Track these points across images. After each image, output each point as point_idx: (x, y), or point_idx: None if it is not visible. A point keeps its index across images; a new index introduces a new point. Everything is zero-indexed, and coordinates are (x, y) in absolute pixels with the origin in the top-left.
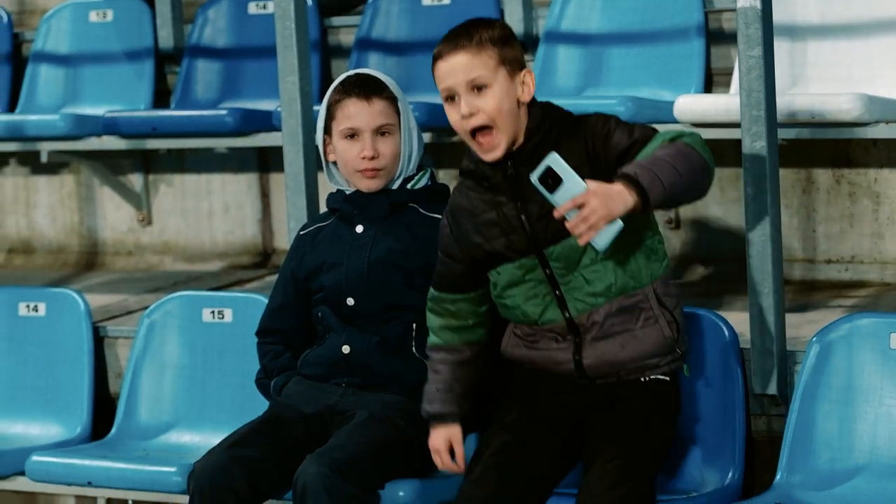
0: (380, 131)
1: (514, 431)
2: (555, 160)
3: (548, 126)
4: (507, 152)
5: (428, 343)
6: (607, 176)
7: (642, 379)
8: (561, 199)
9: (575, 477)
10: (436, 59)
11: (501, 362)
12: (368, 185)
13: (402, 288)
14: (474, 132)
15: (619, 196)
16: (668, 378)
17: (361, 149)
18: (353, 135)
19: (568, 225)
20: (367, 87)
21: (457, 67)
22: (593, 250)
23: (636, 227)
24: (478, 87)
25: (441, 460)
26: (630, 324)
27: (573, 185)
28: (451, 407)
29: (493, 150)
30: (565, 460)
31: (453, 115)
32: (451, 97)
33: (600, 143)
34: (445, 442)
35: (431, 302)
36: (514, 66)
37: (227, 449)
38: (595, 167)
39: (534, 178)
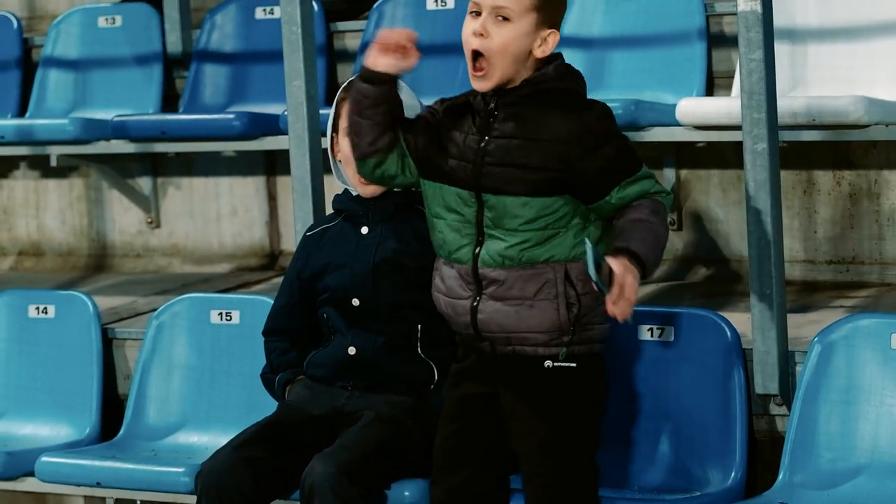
0: None
1: (456, 415)
2: (589, 248)
3: (543, 88)
4: (497, 89)
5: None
6: (570, 161)
7: (546, 364)
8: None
9: None
10: None
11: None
12: (365, 190)
13: (407, 288)
14: (475, 55)
15: (627, 272)
16: (574, 364)
17: None
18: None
19: (612, 304)
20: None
21: None
22: (522, 218)
23: (577, 212)
24: (501, 17)
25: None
26: (527, 293)
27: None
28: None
29: (482, 80)
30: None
31: (467, 28)
32: (475, 12)
33: (597, 142)
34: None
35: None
36: (546, 20)
37: (235, 450)
38: (564, 155)
39: (592, 273)
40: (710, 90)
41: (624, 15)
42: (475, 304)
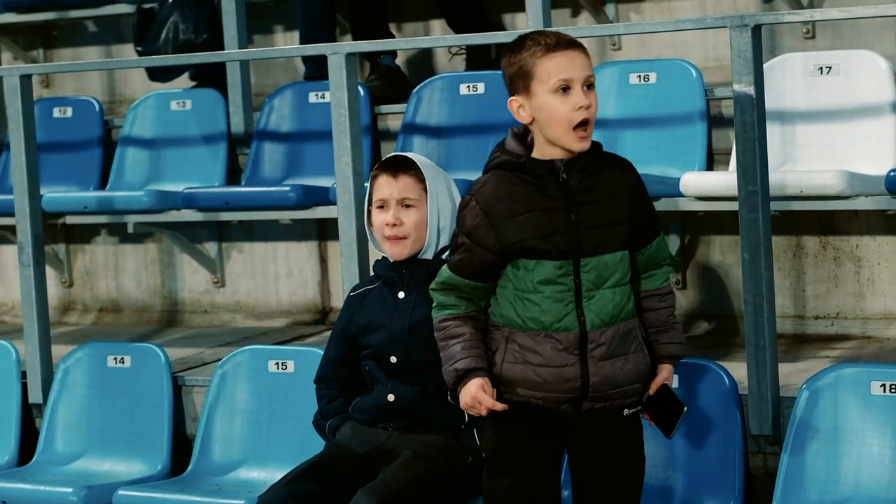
0: (404, 203)
1: (524, 477)
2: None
3: (595, 149)
4: (568, 158)
5: (438, 317)
6: (634, 211)
7: (625, 412)
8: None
9: None
10: (550, 49)
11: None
12: (392, 251)
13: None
14: (579, 124)
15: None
16: (638, 409)
17: (387, 218)
18: (382, 205)
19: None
20: (395, 165)
21: (577, 63)
22: (619, 273)
23: (626, 268)
24: (589, 86)
25: (483, 404)
26: (625, 347)
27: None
28: (479, 362)
29: (586, 141)
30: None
31: (566, 105)
32: (565, 88)
33: (641, 195)
34: (480, 389)
35: (443, 284)
36: None
37: (288, 483)
38: (632, 205)
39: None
40: (710, 165)
41: (634, 98)
42: (585, 367)
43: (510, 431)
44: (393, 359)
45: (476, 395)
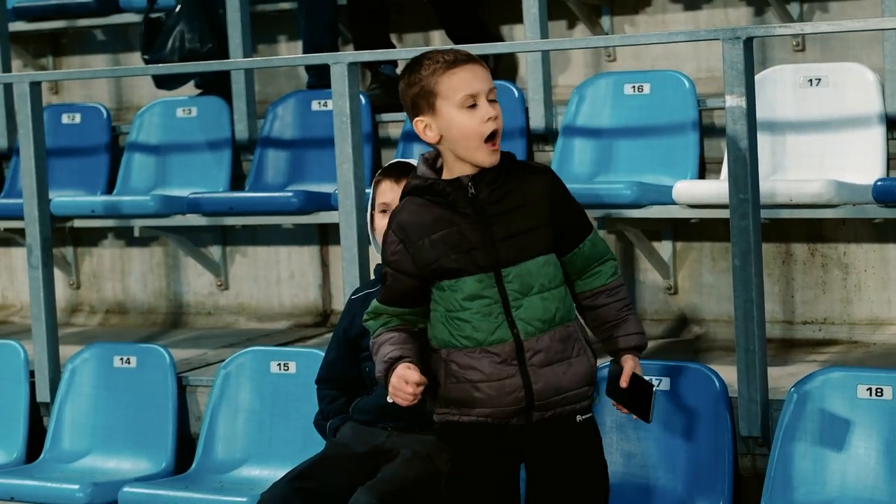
0: None
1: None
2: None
3: (508, 158)
4: (475, 173)
5: (371, 337)
6: (545, 218)
7: (577, 419)
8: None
9: None
10: (450, 66)
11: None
12: None
13: None
14: (490, 136)
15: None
16: (591, 414)
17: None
18: (384, 210)
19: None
20: (398, 171)
21: (479, 76)
22: (544, 278)
23: (559, 271)
24: (491, 100)
25: (408, 381)
26: (566, 352)
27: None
28: (408, 353)
29: (496, 154)
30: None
31: (474, 119)
32: (472, 105)
33: (560, 198)
34: (405, 369)
35: (373, 313)
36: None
37: (290, 482)
38: (549, 209)
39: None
40: (702, 174)
41: (629, 109)
42: (526, 377)
43: (464, 451)
44: None
45: (400, 374)
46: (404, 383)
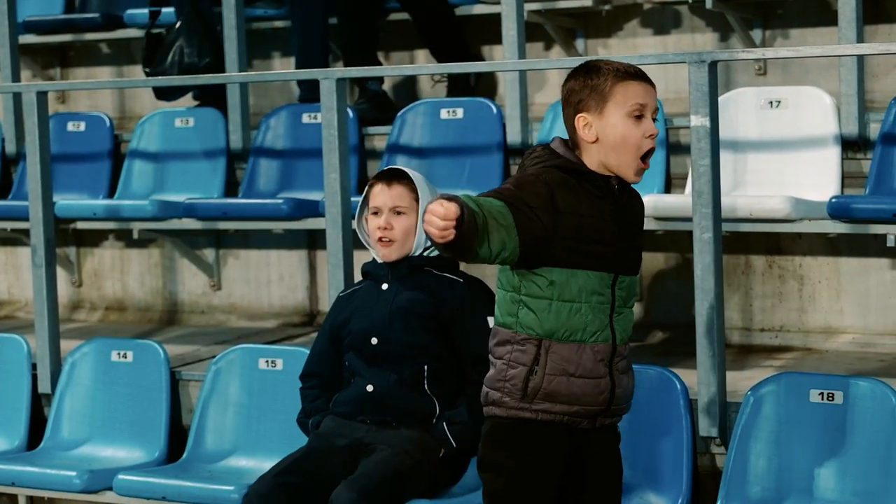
0: (396, 210)
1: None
2: None
3: None
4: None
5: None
6: (641, 239)
7: (618, 426)
8: None
9: None
10: (630, 76)
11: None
12: (383, 253)
13: (418, 330)
14: (646, 153)
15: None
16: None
17: (380, 222)
18: (376, 212)
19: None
20: (390, 175)
21: (651, 93)
22: (633, 294)
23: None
24: (655, 118)
25: (435, 222)
26: (630, 365)
27: None
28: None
29: (642, 173)
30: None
31: (638, 130)
32: (639, 115)
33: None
34: (436, 211)
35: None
36: None
37: (274, 477)
38: (642, 231)
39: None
40: (668, 189)
41: None
42: (613, 379)
43: (533, 450)
44: (374, 340)
45: (438, 205)
46: (439, 215)
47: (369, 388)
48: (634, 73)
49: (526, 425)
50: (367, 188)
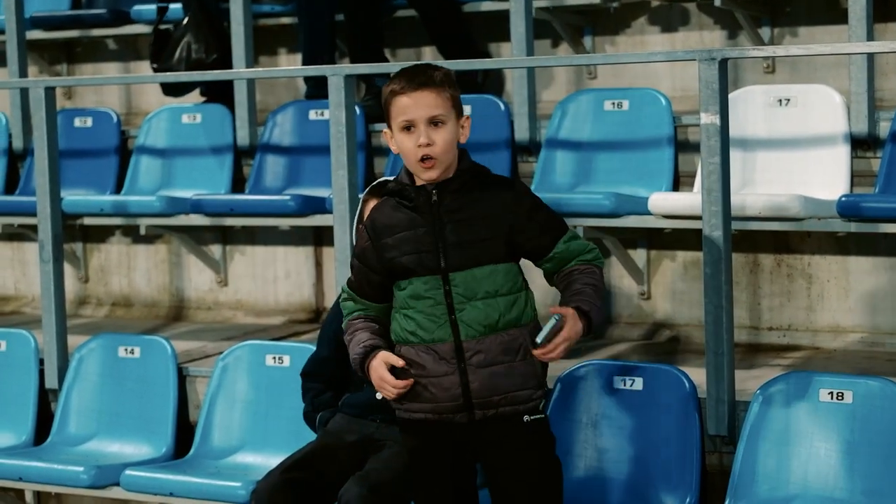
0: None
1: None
2: (554, 320)
3: (474, 171)
4: (436, 180)
5: (346, 319)
6: (502, 230)
7: (525, 419)
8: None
9: None
10: (396, 93)
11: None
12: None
13: None
14: (423, 158)
15: (577, 328)
16: (543, 415)
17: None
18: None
19: (543, 352)
20: (380, 189)
21: (421, 103)
22: (490, 285)
23: (516, 280)
24: (435, 123)
25: (388, 382)
26: (509, 356)
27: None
28: (381, 341)
29: (431, 171)
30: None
31: (409, 143)
32: (409, 127)
33: (525, 212)
34: (383, 366)
35: (347, 295)
36: (460, 109)
37: (283, 472)
38: (509, 222)
39: (542, 338)
40: (676, 187)
41: (608, 124)
42: (464, 375)
43: (416, 446)
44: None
45: (382, 375)
46: (384, 383)
47: (378, 395)
48: (402, 89)
49: (406, 423)
50: (361, 202)
